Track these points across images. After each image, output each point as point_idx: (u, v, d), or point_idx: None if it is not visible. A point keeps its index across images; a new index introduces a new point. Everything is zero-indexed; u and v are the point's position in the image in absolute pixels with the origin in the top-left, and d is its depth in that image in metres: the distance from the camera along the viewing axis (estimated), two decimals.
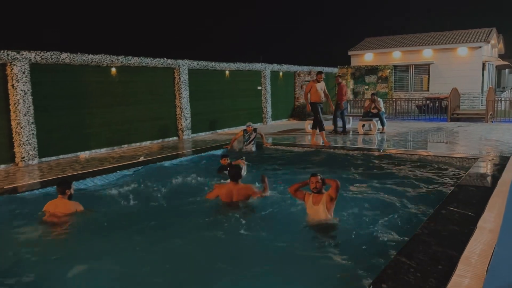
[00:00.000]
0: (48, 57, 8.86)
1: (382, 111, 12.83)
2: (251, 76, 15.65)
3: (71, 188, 5.21)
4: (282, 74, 17.31)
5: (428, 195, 5.76)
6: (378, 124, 12.52)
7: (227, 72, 14.33)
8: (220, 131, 14.00)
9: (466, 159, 7.75)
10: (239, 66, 14.69)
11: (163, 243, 4.51)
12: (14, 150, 8.51)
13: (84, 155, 9.44)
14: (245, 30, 60.42)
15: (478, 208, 4.61)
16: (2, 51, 8.11)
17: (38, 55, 8.68)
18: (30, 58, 8.54)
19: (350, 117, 14.77)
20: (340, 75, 15.22)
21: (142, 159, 8.74)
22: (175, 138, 12.31)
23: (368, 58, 23.26)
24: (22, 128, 8.46)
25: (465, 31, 22.53)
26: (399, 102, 18.24)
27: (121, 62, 10.46)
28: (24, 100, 8.45)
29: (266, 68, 16.13)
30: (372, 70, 21.43)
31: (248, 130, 9.77)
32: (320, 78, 10.55)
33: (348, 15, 64.02)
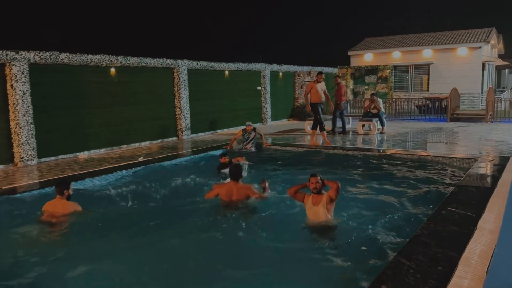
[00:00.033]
0: (47, 57, 8.84)
1: (382, 111, 12.82)
2: (251, 76, 15.64)
3: (70, 188, 5.21)
4: (281, 74, 17.30)
5: (427, 196, 5.74)
6: (378, 124, 12.51)
7: (226, 72, 14.32)
8: (219, 131, 13.99)
9: (466, 159, 7.74)
10: (239, 66, 14.68)
11: (162, 244, 4.49)
12: (13, 150, 8.50)
13: (83, 155, 9.42)
14: (245, 30, 60.48)
15: (478, 209, 4.60)
16: (1, 51, 8.09)
17: (37, 55, 8.66)
18: (29, 58, 8.53)
19: (350, 117, 14.76)
20: (339, 75, 15.19)
21: (141, 159, 8.72)
22: (175, 139, 12.30)
23: (368, 58, 23.26)
24: (21, 128, 8.44)
25: (465, 31, 22.53)
26: (399, 102, 18.24)
27: (120, 62, 10.44)
28: (23, 100, 8.44)
29: (266, 68, 16.12)
30: (372, 70, 21.43)
31: (248, 129, 9.75)
32: (321, 79, 10.54)
33: (348, 15, 64.13)
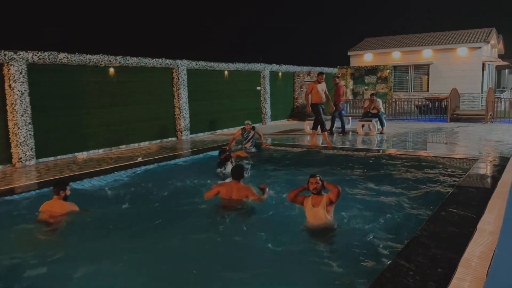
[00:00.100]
0: (46, 57, 8.81)
1: (382, 111, 12.80)
2: (250, 76, 15.61)
3: (67, 189, 5.20)
4: (281, 74, 17.28)
5: (427, 197, 5.72)
6: (378, 124, 12.48)
7: (226, 73, 14.29)
8: (219, 131, 13.96)
9: (465, 160, 7.71)
10: (238, 66, 14.65)
11: (161, 244, 4.47)
12: (11, 151, 8.47)
13: (81, 155, 9.39)
14: (245, 30, 60.44)
15: (478, 210, 4.58)
16: None
17: (35, 55, 8.63)
18: (27, 58, 8.49)
19: (350, 117, 14.73)
20: (338, 76, 15.18)
21: (140, 160, 8.69)
22: (174, 139, 12.27)
23: (367, 58, 23.25)
24: (19, 128, 8.41)
25: (465, 31, 22.52)
26: (399, 102, 18.21)
27: (119, 62, 10.41)
28: (21, 101, 8.40)
29: (265, 68, 16.09)
30: (372, 71, 21.41)
31: (247, 128, 9.73)
32: (321, 79, 10.51)
33: (348, 15, 64.09)
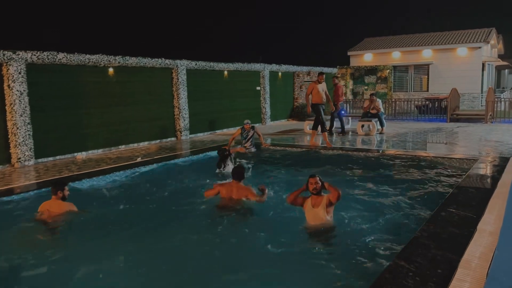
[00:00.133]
0: (45, 57, 8.79)
1: (381, 111, 12.78)
2: (250, 76, 15.60)
3: (65, 189, 5.20)
4: (281, 74, 17.26)
5: (427, 197, 5.70)
6: (377, 124, 12.47)
7: (225, 72, 14.27)
8: (218, 131, 13.95)
9: (465, 160, 7.69)
10: (238, 66, 14.63)
11: (159, 244, 4.45)
12: (10, 151, 8.46)
13: (81, 156, 9.37)
14: (245, 30, 60.38)
15: (478, 210, 4.56)
16: None
17: (34, 55, 8.61)
18: (26, 58, 8.47)
19: (349, 117, 14.72)
20: (336, 76, 15.16)
21: (139, 160, 8.67)
22: (173, 139, 12.25)
23: (367, 58, 23.23)
24: (18, 128, 8.39)
25: (464, 31, 22.50)
26: (399, 102, 18.19)
27: (118, 62, 10.39)
28: (20, 101, 8.38)
29: (265, 68, 16.07)
30: (372, 71, 21.40)
31: (246, 127, 9.72)
32: (322, 79, 10.48)
33: (348, 15, 64.02)
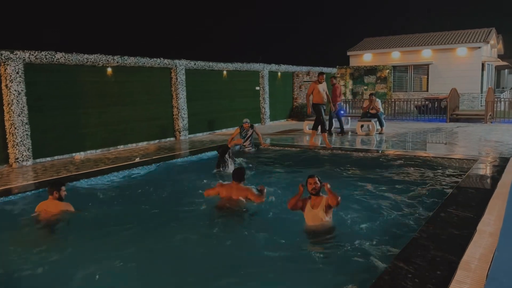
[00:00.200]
0: (43, 56, 8.76)
1: (381, 111, 12.75)
2: (249, 76, 15.57)
3: (61, 189, 5.20)
4: (280, 74, 17.23)
5: (426, 198, 5.66)
6: (377, 125, 12.44)
7: (224, 72, 14.24)
8: (218, 131, 13.92)
9: (465, 160, 7.67)
10: (237, 66, 14.60)
11: (158, 244, 4.43)
12: (8, 151, 8.42)
13: (79, 156, 9.34)
14: (245, 30, 60.35)
15: (477, 211, 4.53)
16: None
17: (32, 55, 8.57)
18: (24, 58, 8.44)
19: (349, 117, 14.70)
20: (335, 76, 15.16)
21: (138, 160, 8.64)
22: (172, 139, 12.22)
23: (367, 58, 23.21)
24: (16, 128, 8.36)
25: (464, 31, 22.49)
26: (398, 102, 18.16)
27: (117, 62, 10.35)
28: (18, 101, 8.35)
29: (264, 68, 16.04)
30: (371, 71, 21.37)
31: (245, 127, 9.71)
32: (322, 79, 10.44)
33: (348, 15, 64.00)
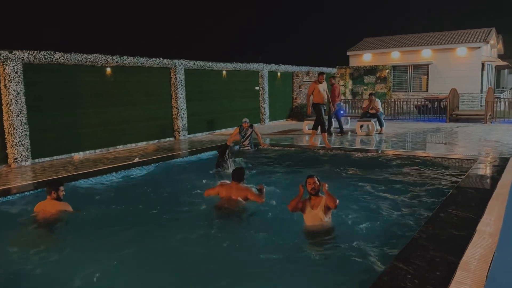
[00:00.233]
0: (42, 56, 8.74)
1: (380, 111, 12.74)
2: (249, 76, 15.55)
3: (59, 189, 5.19)
4: (280, 74, 17.22)
5: (426, 198, 5.65)
6: (377, 125, 12.42)
7: (224, 72, 14.22)
8: (217, 131, 13.90)
9: (465, 160, 7.65)
10: (236, 66, 14.59)
11: (158, 244, 4.43)
12: (7, 151, 8.40)
13: (78, 156, 9.32)
14: (244, 30, 60.35)
15: (477, 211, 4.52)
16: None
17: (31, 55, 8.55)
18: (23, 57, 8.42)
19: (348, 117, 14.68)
20: (333, 76, 15.15)
21: (137, 160, 8.63)
22: (172, 139, 12.20)
23: (366, 58, 23.20)
24: (14, 128, 8.34)
25: (464, 31, 22.47)
26: (398, 102, 18.15)
27: (116, 62, 10.33)
28: (16, 101, 8.33)
29: (264, 68, 16.02)
30: (371, 71, 21.35)
31: (244, 126, 9.72)
32: (322, 79, 10.41)
33: (347, 15, 64.00)
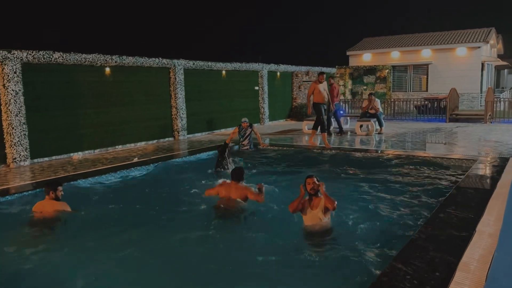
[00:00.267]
0: (40, 56, 8.72)
1: (380, 111, 12.73)
2: (248, 76, 15.53)
3: (58, 189, 5.18)
4: (279, 74, 17.20)
5: (425, 198, 5.64)
6: (376, 124, 12.41)
7: (223, 72, 14.21)
8: (216, 131, 13.88)
9: (464, 160, 7.64)
10: (236, 66, 14.57)
11: (158, 244, 4.42)
12: (6, 151, 8.38)
13: (77, 156, 9.30)
14: (244, 30, 60.38)
15: (477, 211, 4.50)
16: None
17: (30, 55, 8.53)
18: (21, 57, 8.40)
19: (348, 117, 14.67)
20: (332, 76, 15.14)
21: (136, 160, 8.61)
22: (171, 139, 12.18)
23: (366, 58, 23.19)
24: (13, 128, 8.32)
25: (464, 31, 22.46)
26: (398, 102, 18.14)
27: (115, 62, 10.31)
28: (15, 100, 8.31)
29: (263, 68, 16.01)
30: (371, 70, 21.34)
31: (243, 125, 9.71)
32: (322, 79, 10.39)
33: (347, 15, 64.03)
